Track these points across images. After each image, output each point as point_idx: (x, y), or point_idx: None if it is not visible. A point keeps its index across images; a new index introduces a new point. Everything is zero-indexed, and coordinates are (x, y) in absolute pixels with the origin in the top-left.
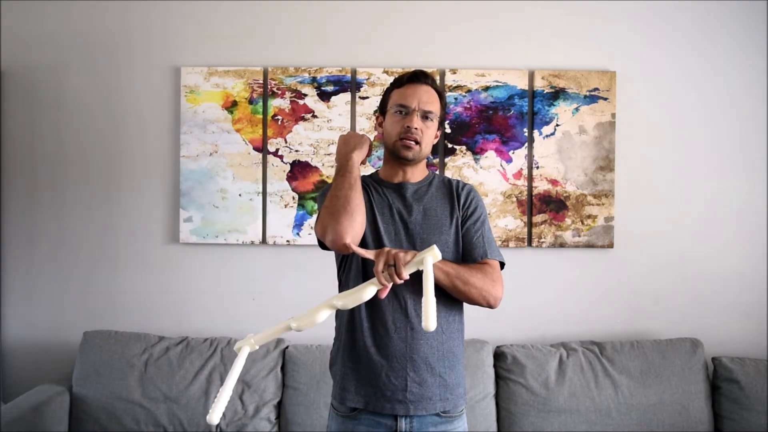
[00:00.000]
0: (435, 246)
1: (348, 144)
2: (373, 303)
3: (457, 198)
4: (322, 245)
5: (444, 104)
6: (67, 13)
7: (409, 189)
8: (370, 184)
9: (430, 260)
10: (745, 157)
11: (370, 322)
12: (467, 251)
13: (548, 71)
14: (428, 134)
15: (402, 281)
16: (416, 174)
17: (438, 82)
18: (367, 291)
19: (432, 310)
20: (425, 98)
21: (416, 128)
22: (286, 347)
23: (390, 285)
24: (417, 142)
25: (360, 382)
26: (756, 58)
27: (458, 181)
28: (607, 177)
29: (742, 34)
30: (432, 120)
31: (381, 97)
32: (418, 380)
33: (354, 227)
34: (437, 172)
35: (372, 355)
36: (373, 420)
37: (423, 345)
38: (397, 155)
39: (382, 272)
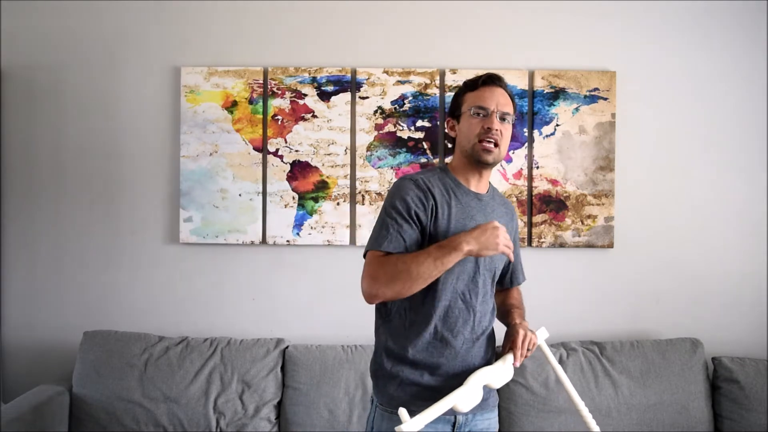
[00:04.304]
0: (544, 328)
1: (480, 237)
2: (448, 319)
3: (512, 216)
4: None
5: (515, 107)
6: (67, 13)
7: (483, 200)
8: (450, 187)
9: (548, 350)
10: (745, 157)
11: (443, 332)
12: (514, 272)
13: (548, 71)
14: (506, 136)
15: None
16: (485, 182)
17: (438, 81)
18: (511, 368)
19: (594, 424)
20: (502, 100)
21: (496, 129)
22: (286, 347)
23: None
24: (496, 144)
25: (424, 392)
26: (756, 58)
27: (504, 196)
28: (607, 177)
29: (742, 33)
30: (509, 122)
31: (451, 101)
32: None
33: (389, 300)
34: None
35: (441, 365)
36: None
37: (480, 353)
38: (476, 158)
39: (522, 356)
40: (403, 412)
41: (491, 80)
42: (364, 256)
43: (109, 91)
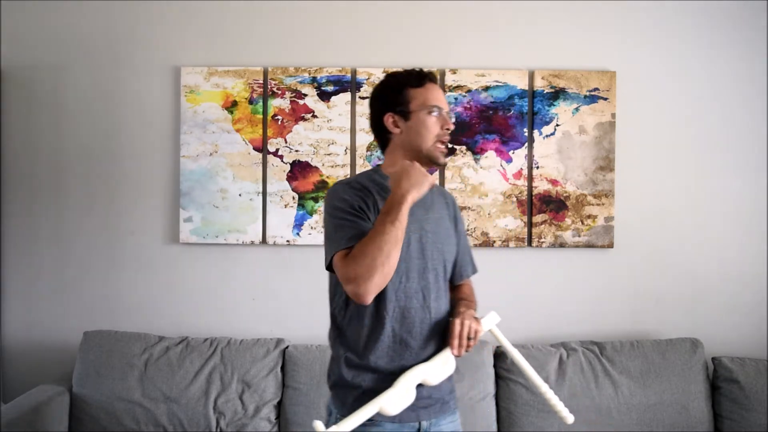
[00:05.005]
0: (494, 312)
1: (410, 179)
2: (405, 320)
3: (453, 207)
4: (330, 268)
5: None
6: (67, 12)
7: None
8: (385, 187)
9: (501, 335)
10: (745, 157)
11: (402, 334)
12: (461, 265)
13: (548, 71)
14: None
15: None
16: None
17: (438, 82)
18: (451, 361)
19: (557, 400)
20: (445, 99)
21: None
22: (286, 347)
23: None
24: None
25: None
26: (756, 58)
27: (442, 187)
28: (607, 177)
29: (742, 33)
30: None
31: (383, 95)
32: (438, 386)
33: (382, 287)
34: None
35: (403, 368)
36: (398, 424)
37: (437, 352)
38: (432, 159)
39: (462, 346)
40: (318, 424)
41: (433, 78)
42: (329, 268)
43: (109, 91)
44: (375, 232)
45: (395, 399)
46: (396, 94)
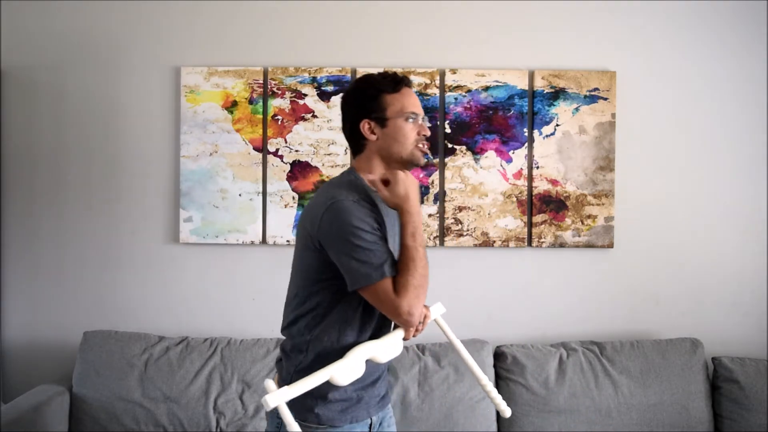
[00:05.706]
0: (440, 303)
1: (413, 194)
2: (377, 318)
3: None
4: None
5: None
6: (67, 12)
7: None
8: (377, 198)
9: (446, 325)
10: (745, 157)
11: (374, 335)
12: None
13: (548, 71)
14: None
15: None
16: None
17: (438, 81)
18: (399, 343)
19: (496, 393)
20: (419, 103)
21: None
22: None
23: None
24: None
25: (351, 406)
26: (756, 58)
27: None
28: (607, 177)
29: (742, 33)
30: None
31: (358, 101)
32: (384, 382)
33: None
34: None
35: (371, 374)
36: (354, 423)
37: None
38: (414, 163)
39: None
40: (269, 382)
41: (408, 82)
42: (358, 290)
43: (109, 91)
44: (413, 260)
45: (346, 370)
46: (372, 101)
